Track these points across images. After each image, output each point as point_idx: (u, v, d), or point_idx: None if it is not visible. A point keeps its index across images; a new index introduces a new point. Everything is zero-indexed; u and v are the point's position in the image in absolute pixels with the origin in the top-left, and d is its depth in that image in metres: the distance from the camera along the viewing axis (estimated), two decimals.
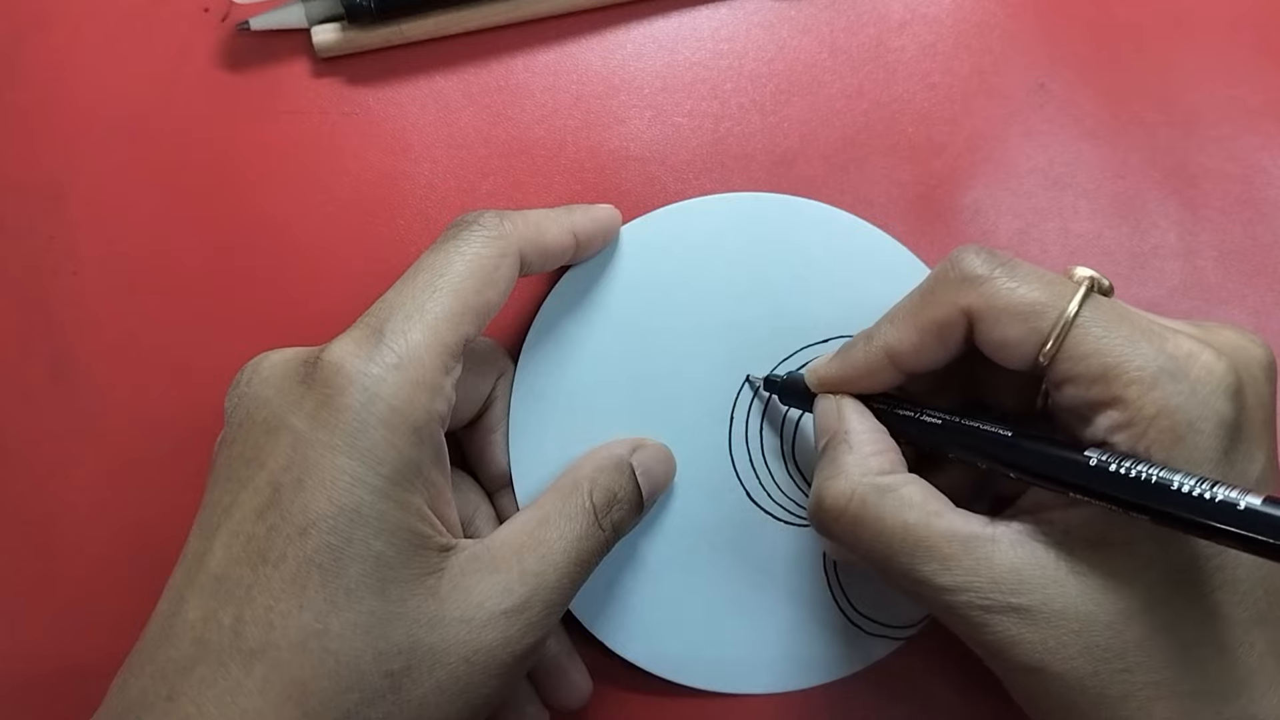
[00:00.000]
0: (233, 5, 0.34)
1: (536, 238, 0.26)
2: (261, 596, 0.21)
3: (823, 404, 0.27)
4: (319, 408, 0.22)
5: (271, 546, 0.21)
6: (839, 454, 0.25)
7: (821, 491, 0.25)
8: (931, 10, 0.34)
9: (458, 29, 0.33)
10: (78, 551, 0.31)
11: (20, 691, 0.30)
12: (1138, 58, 0.34)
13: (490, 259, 0.25)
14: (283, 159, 0.33)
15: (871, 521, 0.24)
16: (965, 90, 0.34)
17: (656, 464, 0.29)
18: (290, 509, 0.22)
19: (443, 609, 0.22)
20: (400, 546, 0.22)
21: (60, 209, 0.33)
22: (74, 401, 0.32)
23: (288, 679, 0.21)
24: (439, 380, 0.23)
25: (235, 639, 0.21)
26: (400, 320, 0.23)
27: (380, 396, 0.22)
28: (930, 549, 0.23)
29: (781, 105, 0.33)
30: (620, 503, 0.27)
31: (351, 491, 0.22)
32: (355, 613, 0.21)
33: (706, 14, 0.34)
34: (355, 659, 0.21)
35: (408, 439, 0.22)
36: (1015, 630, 0.22)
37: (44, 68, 0.34)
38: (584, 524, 0.25)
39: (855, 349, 0.26)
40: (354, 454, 0.22)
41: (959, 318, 0.24)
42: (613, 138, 0.33)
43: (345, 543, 0.21)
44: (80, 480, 0.32)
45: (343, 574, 0.21)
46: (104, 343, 0.32)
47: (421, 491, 0.23)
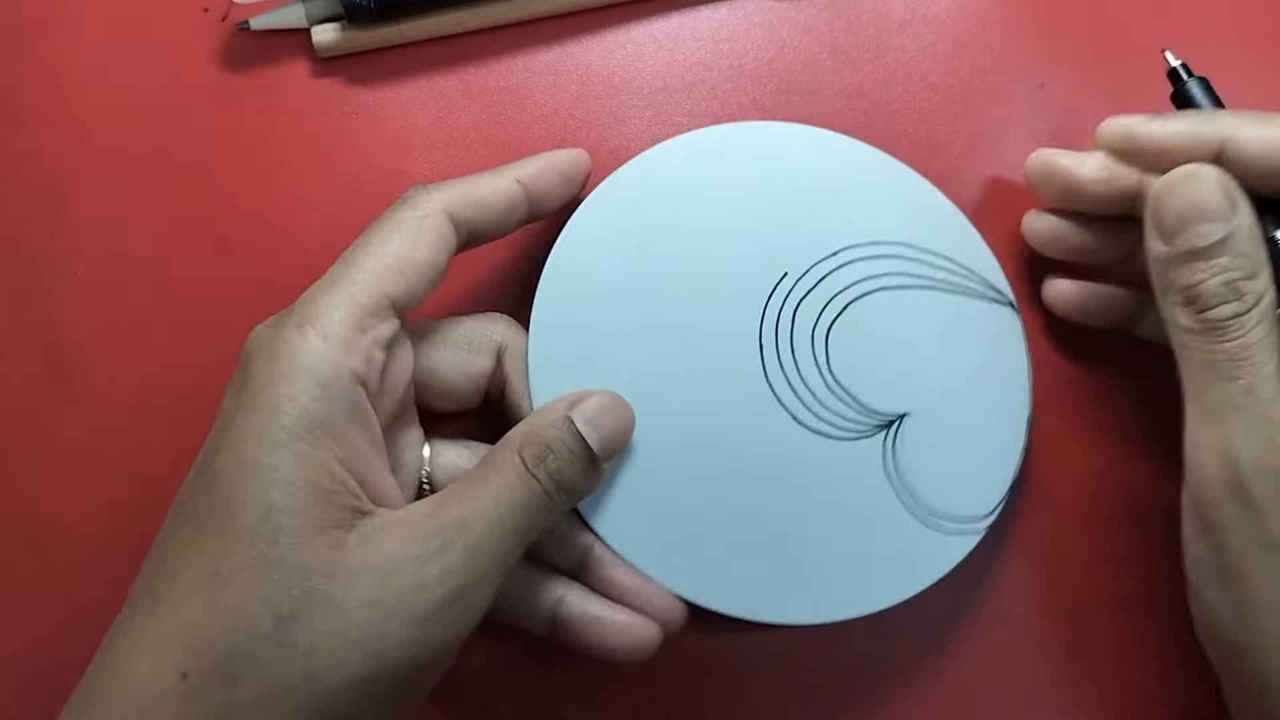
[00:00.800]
0: (233, 5, 0.34)
1: (467, 194, 0.26)
2: (172, 549, 0.22)
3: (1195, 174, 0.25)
4: (241, 380, 0.23)
5: (185, 504, 0.23)
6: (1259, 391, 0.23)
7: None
8: (931, 10, 0.34)
9: (458, 29, 0.33)
10: (78, 551, 0.31)
11: (20, 692, 0.30)
12: (1138, 58, 0.34)
13: (411, 220, 0.25)
14: (283, 159, 0.33)
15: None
16: (965, 90, 0.34)
17: (602, 413, 0.26)
18: (205, 470, 0.23)
19: (345, 557, 0.22)
20: (296, 497, 0.22)
21: (60, 209, 0.33)
22: (74, 401, 0.32)
23: (179, 620, 0.21)
24: (351, 337, 0.23)
25: (149, 589, 0.22)
26: (312, 291, 0.24)
27: (281, 355, 0.23)
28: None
29: (781, 105, 0.33)
30: (556, 454, 0.25)
31: (247, 444, 0.22)
32: (244, 557, 0.22)
33: (706, 14, 0.34)
34: (241, 601, 0.21)
35: (310, 393, 0.23)
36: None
37: (44, 68, 0.34)
38: (512, 474, 0.24)
39: (1188, 117, 0.25)
40: (253, 410, 0.22)
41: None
42: (613, 138, 0.33)
43: (239, 491, 0.22)
44: (80, 480, 0.32)
45: (235, 521, 0.22)
46: (104, 343, 0.32)
47: (329, 448, 0.23)
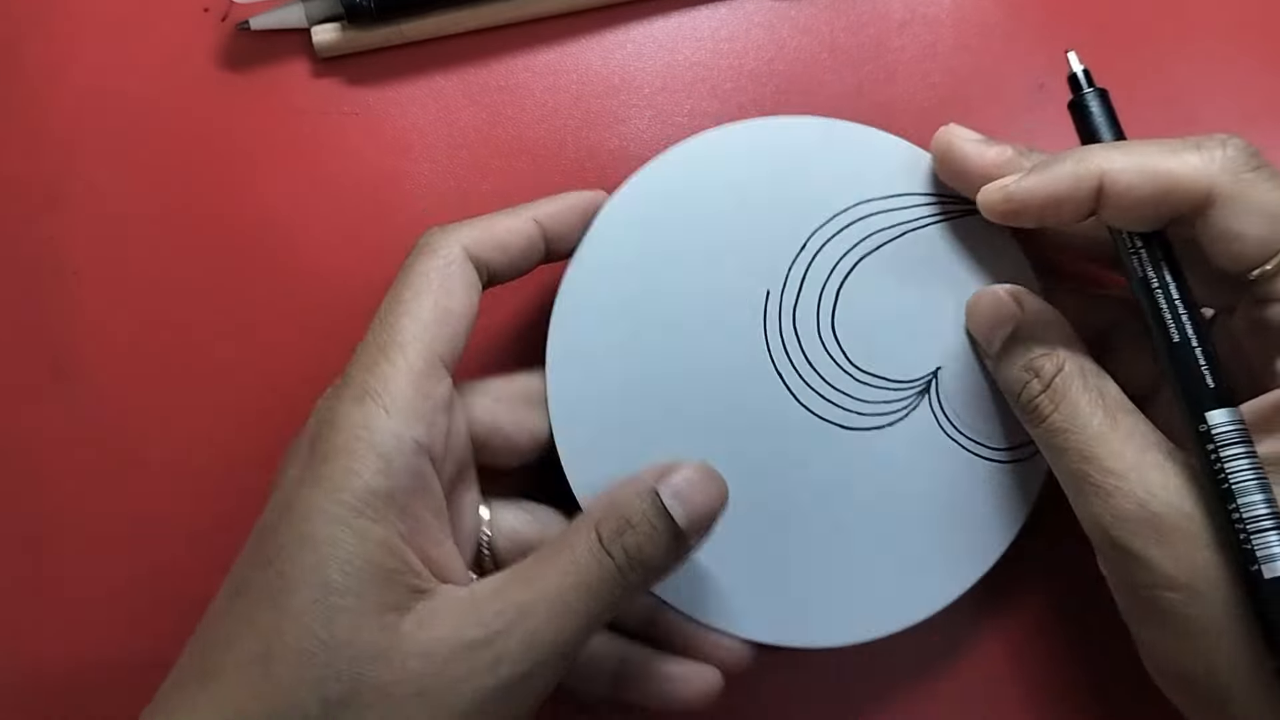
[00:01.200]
0: (233, 5, 0.34)
1: (484, 235, 0.26)
2: (227, 624, 0.22)
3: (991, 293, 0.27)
4: (306, 455, 0.23)
5: (247, 579, 0.22)
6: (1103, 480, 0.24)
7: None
8: (931, 10, 0.34)
9: (458, 29, 0.33)
10: (78, 553, 0.31)
11: (19, 692, 0.30)
12: (1138, 58, 0.34)
13: (436, 270, 0.25)
14: (283, 159, 0.33)
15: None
16: (965, 90, 0.34)
17: (691, 486, 0.25)
18: (264, 545, 0.22)
19: (398, 643, 0.21)
20: (355, 576, 0.21)
21: (60, 209, 0.33)
22: (74, 401, 0.32)
23: (229, 702, 0.21)
24: (413, 405, 0.23)
25: (202, 662, 0.22)
26: (362, 359, 0.24)
27: (342, 428, 0.22)
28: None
29: (781, 105, 0.33)
30: (635, 528, 0.23)
31: (309, 520, 0.22)
32: (297, 639, 0.21)
33: (706, 14, 0.34)
34: (292, 685, 0.21)
35: (372, 467, 0.22)
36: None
37: (44, 67, 0.34)
38: (583, 551, 0.23)
39: (1062, 164, 0.24)
40: (316, 484, 0.22)
41: (1200, 190, 0.23)
42: (613, 138, 0.33)
43: (296, 570, 0.21)
44: (80, 480, 0.32)
45: (291, 601, 0.21)
46: (104, 343, 0.32)
47: (392, 523, 0.22)
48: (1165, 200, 0.23)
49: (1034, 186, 0.25)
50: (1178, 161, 0.23)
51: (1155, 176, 0.23)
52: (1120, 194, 0.24)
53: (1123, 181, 0.23)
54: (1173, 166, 0.23)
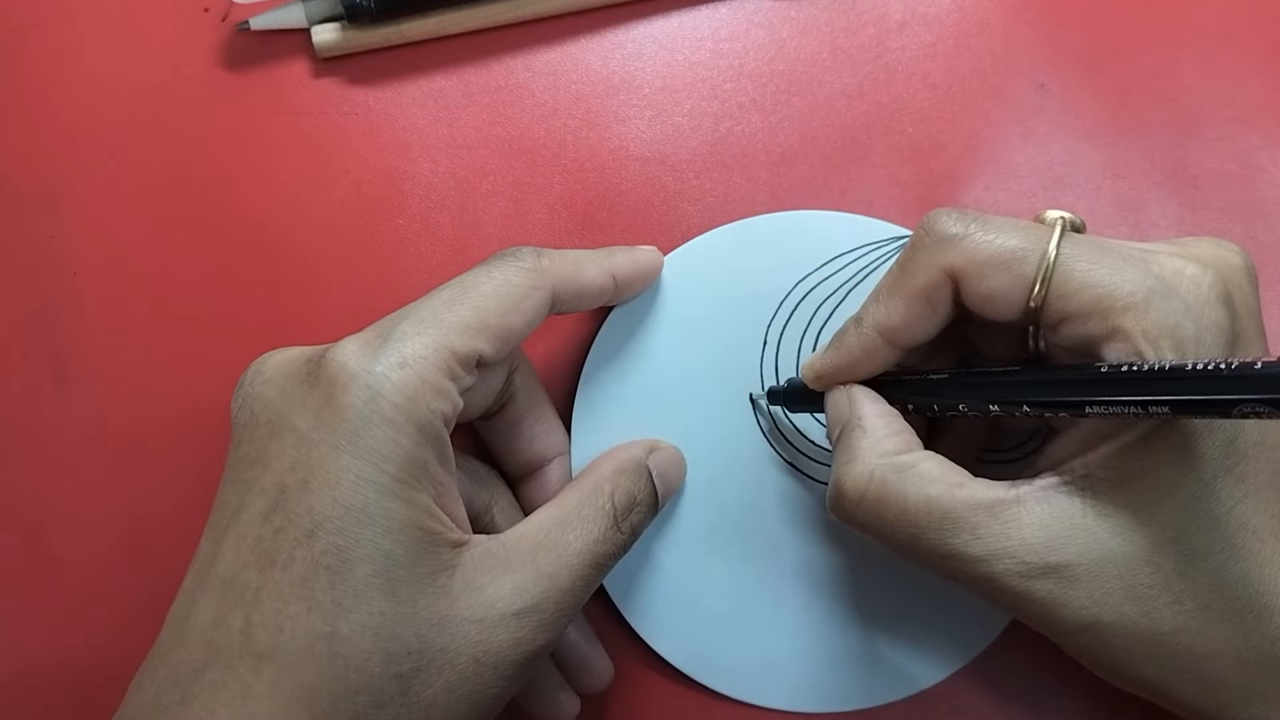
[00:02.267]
0: (233, 5, 0.34)
1: (573, 276, 0.26)
2: (270, 600, 0.21)
3: (832, 396, 0.27)
4: (322, 407, 0.22)
5: (279, 549, 0.21)
6: (853, 439, 0.25)
7: (840, 479, 0.25)
8: (931, 10, 0.34)
9: (458, 29, 0.33)
10: (78, 552, 0.31)
11: (20, 692, 0.30)
12: (1138, 58, 0.34)
13: (520, 287, 0.25)
14: (283, 159, 0.33)
15: (894, 501, 0.24)
16: (965, 90, 0.34)
17: (670, 467, 0.29)
18: (296, 510, 0.21)
19: (454, 608, 0.22)
20: (409, 545, 0.22)
21: (60, 209, 0.33)
22: (74, 402, 0.32)
23: (296, 682, 0.21)
24: (443, 383, 0.23)
25: (245, 642, 0.21)
26: (411, 324, 0.23)
27: (383, 394, 0.22)
28: (958, 520, 0.23)
29: (781, 105, 0.33)
30: (639, 505, 0.27)
31: (357, 491, 0.22)
32: (364, 614, 0.21)
33: (706, 14, 0.34)
34: (364, 661, 0.21)
35: (412, 437, 0.22)
36: (1058, 591, 0.22)
37: (44, 68, 0.34)
38: (603, 527, 0.25)
39: (847, 335, 0.26)
40: (358, 453, 0.22)
41: (943, 280, 0.24)
42: (613, 138, 0.33)
43: (352, 543, 0.21)
44: (80, 480, 0.32)
45: (350, 575, 0.21)
46: (104, 343, 0.32)
47: (429, 489, 0.23)
48: (933, 308, 0.24)
49: (833, 361, 0.26)
50: (914, 273, 0.24)
51: (909, 300, 0.25)
52: (899, 331, 0.25)
53: (893, 323, 0.25)
54: (915, 282, 0.24)
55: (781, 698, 0.30)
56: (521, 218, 0.33)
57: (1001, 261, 0.23)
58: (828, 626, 0.29)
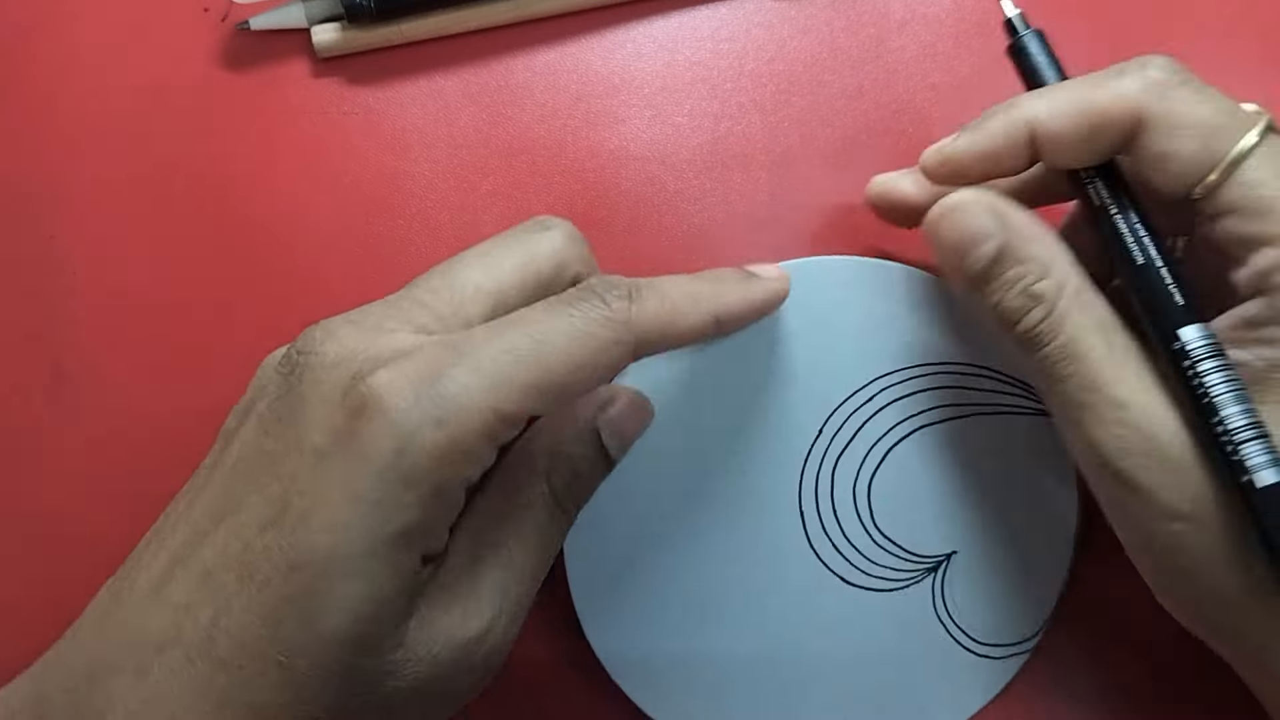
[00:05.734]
0: (233, 5, 0.34)
1: (666, 327, 0.23)
2: (239, 612, 0.21)
3: (965, 203, 0.24)
4: (349, 438, 0.21)
5: (261, 568, 0.21)
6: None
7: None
8: (931, 10, 0.34)
9: (458, 29, 0.33)
10: (78, 552, 0.31)
11: None
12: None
13: (601, 341, 0.22)
14: (283, 159, 0.33)
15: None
16: (965, 90, 0.34)
17: (627, 417, 0.25)
18: (290, 538, 0.21)
19: (408, 654, 0.21)
20: (380, 605, 0.21)
21: (60, 209, 0.33)
22: (74, 402, 0.32)
23: (246, 700, 0.21)
24: (481, 449, 0.21)
25: (208, 642, 0.21)
26: (465, 373, 0.21)
27: (409, 451, 0.20)
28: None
29: (781, 105, 0.33)
30: (582, 476, 0.24)
31: (350, 542, 0.20)
32: (321, 657, 0.21)
33: (706, 14, 0.34)
34: (314, 696, 0.21)
35: (427, 500, 0.21)
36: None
37: (44, 67, 0.34)
38: (543, 514, 0.23)
39: (992, 118, 0.24)
40: (366, 504, 0.20)
41: (1128, 118, 0.23)
42: (613, 138, 0.33)
43: (328, 593, 0.20)
44: (80, 481, 0.32)
45: (318, 622, 0.21)
46: (104, 343, 0.32)
47: (420, 546, 0.21)
48: (1098, 136, 0.23)
49: (968, 145, 0.24)
50: (1103, 93, 0.23)
51: (1083, 114, 0.23)
52: (1053, 138, 0.23)
53: (1053, 126, 0.23)
54: (1098, 99, 0.23)
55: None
56: (521, 218, 0.33)
57: (1199, 127, 0.22)
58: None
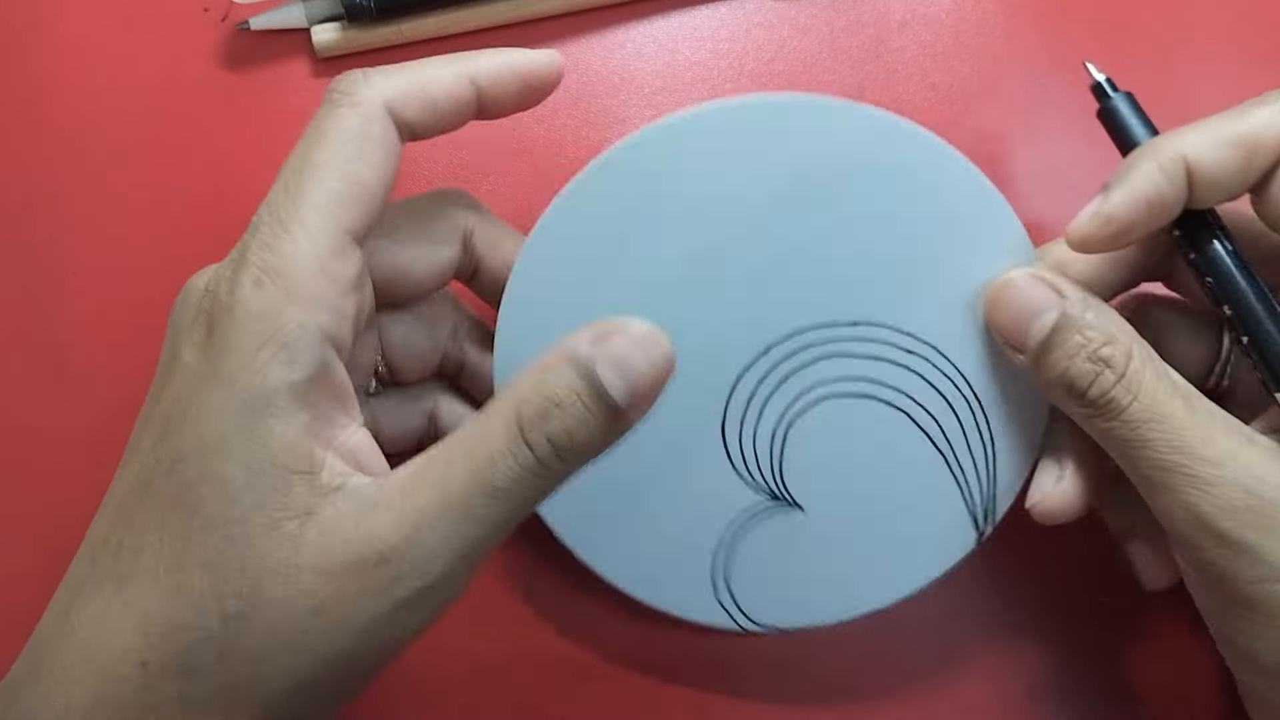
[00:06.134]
0: (233, 5, 0.34)
1: (411, 89, 0.23)
2: (138, 526, 0.21)
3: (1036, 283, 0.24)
4: (204, 337, 0.21)
5: (153, 479, 0.21)
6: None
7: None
8: (931, 10, 0.34)
9: (458, 29, 0.33)
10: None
11: None
12: (1138, 58, 0.34)
13: (352, 130, 0.22)
14: (283, 159, 0.33)
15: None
16: (965, 90, 0.34)
17: (633, 353, 0.21)
18: (171, 442, 0.21)
19: (294, 556, 0.20)
20: (254, 485, 0.20)
21: (60, 209, 0.33)
22: (74, 402, 0.32)
23: (142, 609, 0.21)
24: (318, 290, 0.21)
25: (115, 563, 0.22)
26: (263, 235, 0.21)
27: (240, 319, 0.21)
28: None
29: None
30: (564, 410, 0.21)
31: (212, 423, 0.21)
32: (203, 550, 0.21)
33: (706, 14, 0.34)
34: (198, 596, 0.21)
35: (274, 359, 0.20)
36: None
37: (43, 67, 0.34)
38: (499, 443, 0.21)
39: (1142, 163, 0.23)
40: (218, 381, 0.21)
41: (1277, 145, 0.22)
42: (613, 138, 0.33)
43: (202, 479, 0.21)
44: (79, 480, 0.31)
45: (197, 511, 0.21)
46: (104, 343, 0.32)
47: (296, 417, 0.21)
48: (1251, 165, 0.23)
49: (1126, 197, 0.23)
50: (1251, 122, 0.23)
51: (1236, 143, 0.23)
52: (1210, 169, 0.23)
53: (1207, 157, 0.23)
54: (1248, 128, 0.23)
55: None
56: (521, 218, 0.33)
57: None
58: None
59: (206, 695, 0.21)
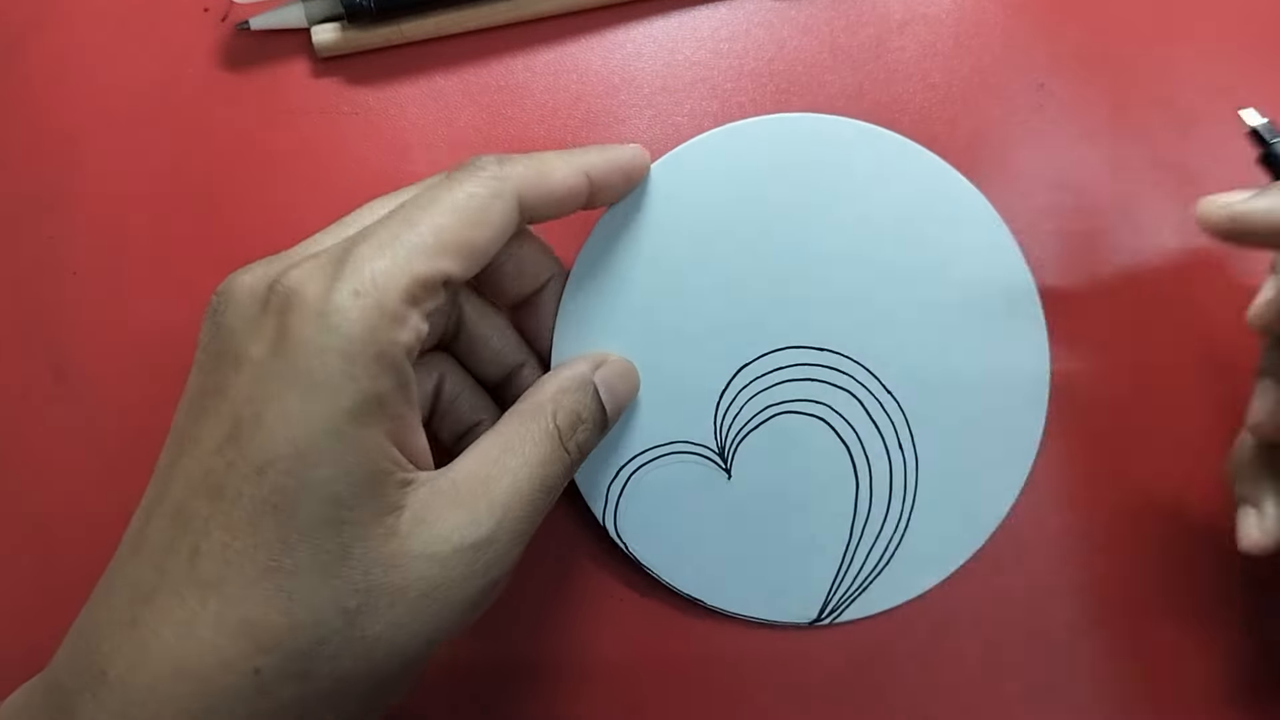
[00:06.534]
0: (233, 5, 0.34)
1: (539, 179, 0.25)
2: (217, 532, 0.21)
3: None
4: (279, 338, 0.22)
5: (228, 483, 0.21)
6: None
7: None
8: (931, 10, 0.34)
9: (458, 29, 0.33)
10: (78, 552, 0.31)
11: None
12: (1138, 58, 0.34)
13: (481, 198, 0.24)
14: (283, 159, 0.33)
15: None
16: (965, 90, 0.34)
17: (619, 380, 0.28)
18: (249, 446, 0.21)
19: (403, 546, 0.22)
20: (356, 486, 0.21)
21: (60, 209, 0.33)
22: (74, 402, 0.32)
23: (240, 615, 0.21)
24: (404, 311, 0.22)
25: (191, 571, 0.21)
26: (370, 247, 0.22)
27: (339, 327, 0.21)
28: None
29: (782, 105, 0.33)
30: (585, 423, 0.26)
31: (308, 429, 0.21)
32: (309, 552, 0.21)
33: (706, 14, 0.34)
34: (309, 596, 0.21)
35: (368, 370, 0.21)
36: None
37: (44, 68, 0.34)
38: (548, 448, 0.25)
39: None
40: (311, 388, 0.21)
41: None
42: (612, 138, 0.33)
43: (300, 484, 0.21)
44: (79, 481, 0.32)
45: (297, 515, 0.21)
46: (104, 343, 0.32)
47: (382, 424, 0.22)
48: None
49: (1268, 209, 0.25)
50: None
51: None
52: None
53: None
54: None
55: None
56: None
57: None
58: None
59: (323, 692, 0.21)
